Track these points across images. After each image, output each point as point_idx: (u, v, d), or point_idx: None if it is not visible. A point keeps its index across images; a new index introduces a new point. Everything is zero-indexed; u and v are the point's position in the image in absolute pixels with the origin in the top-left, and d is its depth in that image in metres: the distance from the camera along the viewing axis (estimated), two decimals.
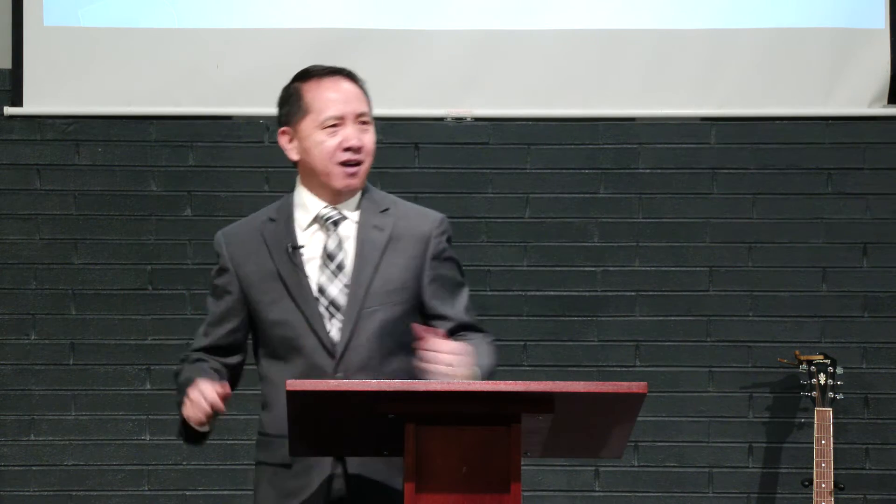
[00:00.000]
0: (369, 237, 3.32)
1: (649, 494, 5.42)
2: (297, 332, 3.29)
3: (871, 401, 5.44)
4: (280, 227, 3.36)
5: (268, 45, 5.41)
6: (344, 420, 2.97)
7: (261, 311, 3.34)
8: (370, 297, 3.29)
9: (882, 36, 5.43)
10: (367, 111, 3.34)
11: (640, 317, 5.45)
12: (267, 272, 3.32)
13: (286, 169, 5.46)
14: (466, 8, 5.41)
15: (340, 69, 3.37)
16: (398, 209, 3.38)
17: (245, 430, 5.41)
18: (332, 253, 3.32)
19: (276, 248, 3.33)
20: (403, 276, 3.32)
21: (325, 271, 3.31)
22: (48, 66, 5.42)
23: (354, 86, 3.35)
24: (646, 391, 2.88)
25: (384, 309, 3.29)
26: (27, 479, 5.42)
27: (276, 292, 3.31)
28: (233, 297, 3.38)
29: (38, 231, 5.46)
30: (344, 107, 3.30)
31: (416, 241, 3.34)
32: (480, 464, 2.89)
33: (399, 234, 3.33)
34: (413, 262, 3.33)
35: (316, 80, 3.34)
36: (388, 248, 3.32)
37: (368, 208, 3.36)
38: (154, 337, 5.45)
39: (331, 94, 3.31)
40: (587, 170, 5.47)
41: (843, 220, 5.46)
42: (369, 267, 3.30)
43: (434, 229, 3.36)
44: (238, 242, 3.39)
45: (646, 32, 5.41)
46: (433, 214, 3.41)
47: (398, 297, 3.31)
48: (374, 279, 3.29)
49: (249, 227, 3.41)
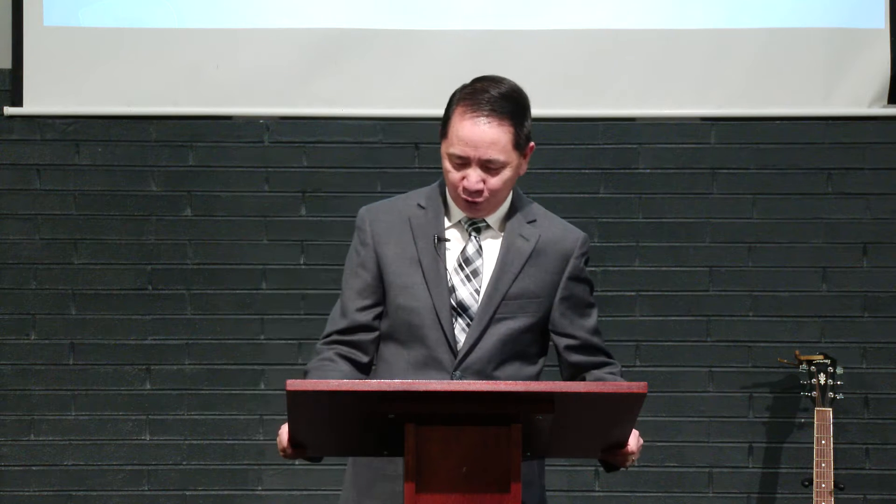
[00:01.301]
0: (514, 245, 3.37)
1: (649, 494, 5.43)
2: (423, 321, 3.33)
3: (871, 401, 5.44)
4: (429, 215, 3.39)
5: (268, 45, 5.41)
6: (344, 420, 2.97)
7: (392, 294, 3.37)
8: (505, 305, 3.34)
9: (882, 36, 5.43)
10: (496, 159, 3.28)
11: (640, 317, 5.45)
12: (408, 256, 3.36)
13: (286, 169, 5.50)
14: (466, 8, 5.41)
15: (496, 104, 3.28)
16: (544, 222, 3.43)
17: (245, 430, 5.42)
18: (470, 258, 3.37)
19: (422, 236, 3.37)
20: (539, 289, 3.37)
21: (458, 274, 3.36)
22: (48, 66, 5.42)
23: (498, 129, 3.28)
24: (646, 391, 2.88)
25: (515, 318, 3.35)
26: (27, 479, 5.42)
27: (411, 277, 3.35)
28: (370, 274, 3.39)
29: (38, 231, 5.46)
30: (472, 151, 3.28)
31: (557, 257, 3.39)
32: (480, 464, 2.89)
33: (543, 247, 3.39)
34: (551, 277, 3.38)
35: (464, 108, 3.29)
36: (531, 260, 3.37)
37: (516, 219, 3.40)
38: (154, 337, 5.45)
39: (464, 133, 3.28)
40: (587, 170, 5.48)
41: (843, 220, 5.46)
42: (509, 275, 3.35)
43: (576, 249, 3.42)
44: (383, 221, 3.41)
45: (646, 32, 5.41)
46: (576, 233, 3.46)
47: (531, 308, 3.36)
48: (512, 288, 3.35)
49: (396, 209, 3.43)
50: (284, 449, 3.14)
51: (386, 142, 5.43)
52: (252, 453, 5.44)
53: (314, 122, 5.47)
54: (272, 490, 5.42)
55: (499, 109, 3.27)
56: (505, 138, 3.28)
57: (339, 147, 5.47)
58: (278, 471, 5.41)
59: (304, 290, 5.45)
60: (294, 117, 5.46)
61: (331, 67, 5.42)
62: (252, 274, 5.46)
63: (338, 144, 5.47)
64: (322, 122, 5.47)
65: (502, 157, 3.28)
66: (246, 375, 5.43)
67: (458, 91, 3.34)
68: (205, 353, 5.44)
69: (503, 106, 3.28)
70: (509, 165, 3.30)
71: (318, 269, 5.43)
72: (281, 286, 5.46)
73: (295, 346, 5.42)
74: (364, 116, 5.45)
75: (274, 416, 5.36)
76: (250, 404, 5.43)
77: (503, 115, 3.27)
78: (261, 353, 5.43)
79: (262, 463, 5.42)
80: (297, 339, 5.43)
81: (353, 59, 5.42)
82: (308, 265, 5.46)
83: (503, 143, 3.28)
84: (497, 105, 3.27)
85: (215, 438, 5.45)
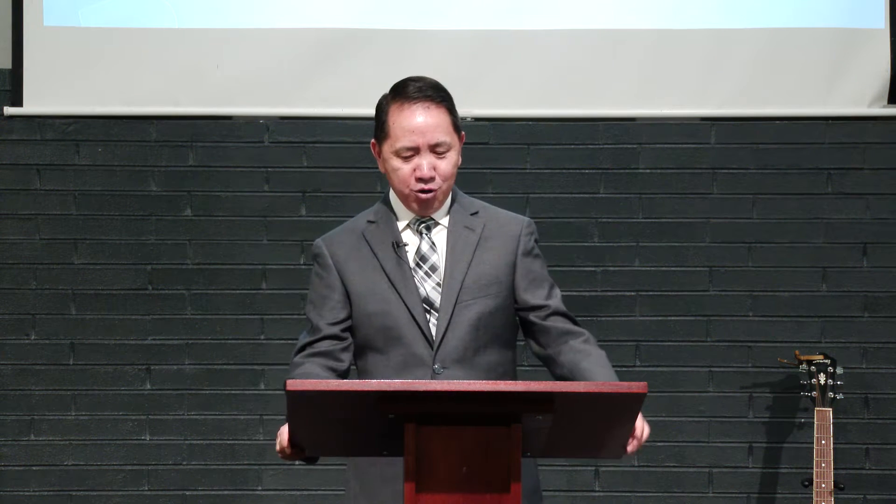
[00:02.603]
0: (461, 236, 3.47)
1: (649, 494, 5.43)
2: (398, 321, 3.40)
3: (871, 401, 5.44)
4: (381, 226, 3.48)
5: (268, 45, 5.41)
6: (344, 420, 2.97)
7: (362, 304, 3.45)
8: (465, 291, 3.42)
9: (882, 36, 5.43)
10: (443, 141, 3.40)
11: (640, 317, 5.45)
12: (370, 267, 3.45)
13: (286, 169, 5.50)
14: (466, 8, 5.41)
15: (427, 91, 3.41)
16: (487, 212, 3.54)
17: (245, 430, 5.42)
18: (426, 255, 3.45)
19: (379, 246, 3.46)
20: (496, 271, 3.45)
21: (418, 272, 3.44)
22: (48, 66, 5.42)
23: (436, 112, 3.41)
24: (646, 391, 2.88)
25: (479, 302, 3.42)
26: (27, 479, 5.42)
27: (378, 284, 3.43)
28: (337, 293, 3.48)
29: (38, 231, 5.46)
30: (419, 138, 3.39)
31: (506, 239, 3.49)
32: (480, 464, 2.89)
33: (489, 234, 3.49)
34: (504, 258, 3.47)
35: (399, 104, 3.41)
36: (479, 246, 3.46)
37: (458, 211, 3.50)
38: (154, 337, 5.45)
39: (408, 124, 3.39)
40: (587, 170, 5.48)
41: (843, 220, 5.46)
42: (462, 263, 3.43)
43: (523, 229, 3.53)
44: (339, 243, 3.51)
45: (646, 32, 5.42)
46: (520, 217, 3.58)
47: (492, 291, 3.44)
48: (468, 274, 3.43)
49: (348, 230, 3.54)
50: (284, 449, 3.15)
51: None
52: (252, 453, 5.44)
53: (314, 122, 5.47)
54: (272, 490, 5.42)
55: (433, 95, 3.40)
56: (446, 120, 3.41)
57: (339, 147, 5.47)
58: (278, 471, 5.41)
59: (304, 291, 5.43)
60: (294, 117, 5.46)
61: (331, 67, 5.42)
62: (252, 274, 5.46)
63: (338, 144, 5.48)
64: (322, 122, 5.47)
65: (448, 139, 3.40)
66: (246, 375, 5.43)
67: (384, 96, 3.45)
68: (205, 353, 5.44)
69: (435, 92, 3.41)
70: (453, 149, 3.42)
71: None
72: (281, 286, 5.46)
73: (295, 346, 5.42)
74: (364, 116, 5.44)
75: (274, 416, 5.36)
76: (250, 404, 5.43)
77: (438, 100, 3.41)
78: (261, 353, 5.43)
79: (262, 463, 5.42)
80: (297, 339, 5.42)
81: (353, 59, 5.43)
82: (308, 265, 5.46)
83: (445, 124, 3.41)
84: (429, 91, 3.41)
85: (215, 438, 5.45)
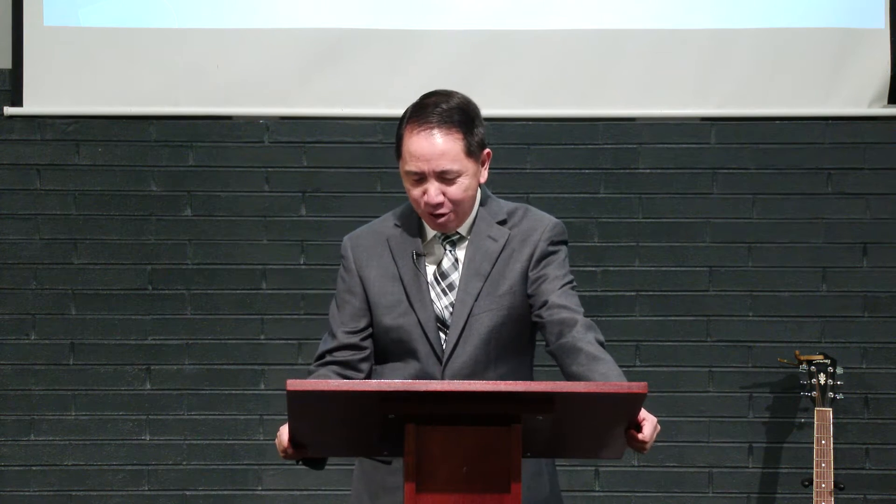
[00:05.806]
0: (481, 248, 3.40)
1: (649, 494, 5.43)
2: (411, 336, 3.38)
3: (871, 401, 5.44)
4: (405, 233, 3.44)
5: (268, 45, 5.41)
6: (344, 420, 2.97)
7: (379, 314, 3.41)
8: (478, 305, 3.37)
9: (882, 36, 5.43)
10: (449, 169, 3.32)
11: (640, 317, 5.45)
12: (389, 276, 3.41)
13: (286, 169, 5.50)
14: (466, 8, 5.41)
15: (443, 115, 3.32)
16: (516, 218, 3.45)
17: (245, 431, 5.42)
18: (446, 272, 3.41)
19: (401, 254, 3.42)
20: (510, 281, 3.39)
21: (435, 289, 3.40)
22: (48, 66, 5.42)
23: (446, 139, 3.32)
24: (646, 391, 2.88)
25: (491, 314, 3.37)
26: (27, 479, 5.42)
27: (395, 296, 3.40)
28: (357, 299, 3.44)
29: (38, 231, 5.46)
30: (425, 165, 3.31)
31: (526, 247, 3.41)
32: (480, 464, 2.89)
33: (514, 243, 3.41)
34: (520, 266, 3.40)
35: (412, 125, 3.34)
36: (501, 258, 3.40)
37: (484, 220, 3.43)
38: (154, 337, 5.45)
39: (415, 149, 3.31)
40: (587, 170, 5.48)
41: (843, 220, 5.46)
42: (479, 277, 3.38)
43: (543, 233, 3.43)
44: (364, 245, 3.47)
45: (646, 32, 5.42)
46: (546, 220, 3.47)
47: (505, 302, 3.38)
48: (484, 287, 3.38)
49: (375, 232, 3.48)
50: (285, 449, 3.14)
51: (386, 142, 5.43)
52: (252, 453, 5.43)
53: (314, 122, 5.47)
54: (272, 490, 5.42)
55: (446, 120, 3.31)
56: (455, 147, 3.31)
57: (339, 147, 5.47)
58: (278, 471, 5.41)
59: (304, 290, 5.45)
60: (294, 117, 5.46)
61: (331, 67, 5.42)
62: (252, 274, 5.46)
63: (338, 144, 5.47)
64: (322, 122, 5.47)
65: (455, 167, 3.32)
66: (246, 375, 5.43)
67: (408, 109, 3.38)
68: (205, 353, 5.44)
69: (450, 116, 3.32)
70: (465, 174, 3.33)
71: (318, 269, 5.43)
72: (281, 286, 5.46)
73: (295, 346, 5.42)
74: (364, 116, 5.45)
75: (274, 416, 5.36)
76: (250, 404, 5.43)
77: (451, 125, 3.31)
78: (261, 353, 5.43)
79: (262, 463, 5.42)
80: (297, 339, 5.43)
81: (353, 59, 5.42)
82: (308, 265, 5.46)
83: (454, 152, 3.31)
84: (444, 116, 3.31)
85: (215, 438, 5.45)
